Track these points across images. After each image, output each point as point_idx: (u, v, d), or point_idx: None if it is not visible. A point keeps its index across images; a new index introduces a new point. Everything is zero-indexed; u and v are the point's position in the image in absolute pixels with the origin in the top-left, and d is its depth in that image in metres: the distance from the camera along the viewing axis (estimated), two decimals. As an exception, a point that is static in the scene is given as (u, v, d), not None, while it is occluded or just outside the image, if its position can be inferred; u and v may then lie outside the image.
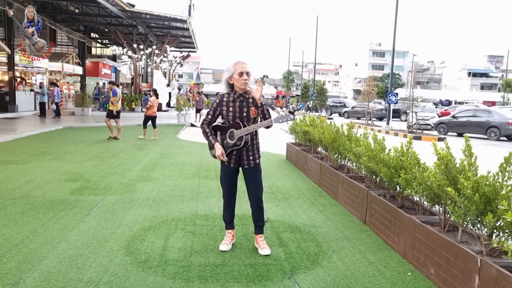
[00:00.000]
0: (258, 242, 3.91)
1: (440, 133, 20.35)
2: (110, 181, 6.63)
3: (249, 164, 3.83)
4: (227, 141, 3.77)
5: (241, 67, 3.69)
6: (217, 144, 3.76)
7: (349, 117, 32.85)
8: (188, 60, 59.99)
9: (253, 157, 3.84)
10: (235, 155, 3.82)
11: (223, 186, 3.94)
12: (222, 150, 3.74)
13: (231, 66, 3.73)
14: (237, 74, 3.68)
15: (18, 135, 12.25)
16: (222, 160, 3.76)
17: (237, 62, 3.73)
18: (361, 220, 4.90)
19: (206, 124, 3.84)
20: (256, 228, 3.95)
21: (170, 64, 41.85)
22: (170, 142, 12.31)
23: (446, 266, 3.17)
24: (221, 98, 3.82)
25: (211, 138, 3.79)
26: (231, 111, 3.76)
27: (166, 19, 23.57)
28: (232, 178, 3.89)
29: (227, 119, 3.78)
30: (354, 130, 6.29)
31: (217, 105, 3.81)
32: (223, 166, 3.89)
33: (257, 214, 3.89)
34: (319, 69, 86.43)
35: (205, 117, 3.85)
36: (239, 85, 3.70)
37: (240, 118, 3.74)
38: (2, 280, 3.10)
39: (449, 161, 3.38)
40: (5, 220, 4.50)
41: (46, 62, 24.49)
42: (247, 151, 3.81)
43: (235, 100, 3.76)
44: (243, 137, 3.70)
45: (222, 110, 3.80)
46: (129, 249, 3.81)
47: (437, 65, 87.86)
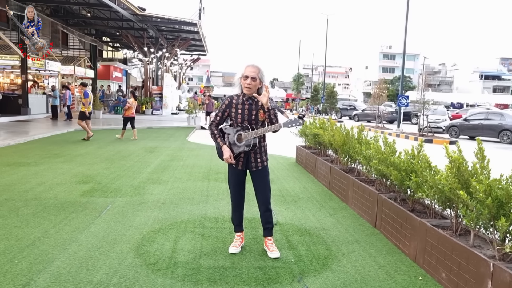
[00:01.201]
0: (267, 245, 3.90)
1: (452, 136, 20.15)
2: (120, 183, 6.68)
3: (257, 167, 3.82)
4: (235, 144, 3.76)
5: (248, 71, 3.66)
6: (225, 147, 3.75)
7: (359, 120, 32.71)
8: (198, 63, 60.26)
9: (261, 159, 3.83)
10: (243, 158, 3.81)
11: (231, 189, 3.93)
12: (230, 153, 3.73)
13: (242, 67, 3.71)
14: (243, 77, 3.67)
15: (31, 137, 12.39)
16: (230, 163, 3.76)
17: (248, 65, 3.70)
18: (371, 224, 4.87)
19: (215, 126, 3.82)
20: (265, 230, 3.93)
21: (180, 67, 42.08)
22: (180, 145, 12.36)
23: (458, 271, 3.13)
24: (230, 100, 3.79)
25: (219, 140, 3.78)
26: (240, 113, 3.73)
27: (176, 23, 23.70)
28: (240, 181, 3.88)
29: (235, 121, 3.76)
30: (364, 133, 6.25)
31: (226, 107, 3.79)
32: (230, 169, 3.88)
33: (266, 216, 3.87)
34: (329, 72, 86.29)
35: (213, 118, 3.83)
36: (243, 88, 3.69)
37: (249, 121, 3.72)
38: (14, 281, 3.13)
39: (461, 164, 3.34)
40: (17, 222, 4.55)
41: (58, 66, 24.76)
42: (255, 153, 3.80)
43: (244, 103, 3.74)
44: (251, 140, 3.68)
45: (230, 112, 3.77)
46: (139, 251, 3.83)
47: (448, 67, 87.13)
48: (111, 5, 18.96)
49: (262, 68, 3.71)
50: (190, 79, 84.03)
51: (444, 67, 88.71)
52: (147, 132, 16.27)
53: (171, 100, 27.90)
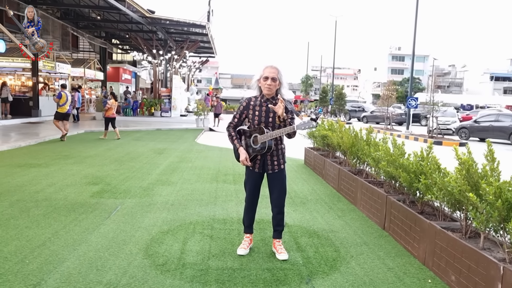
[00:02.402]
0: (276, 246, 3.90)
1: (462, 138, 19.98)
2: (129, 184, 6.72)
3: (273, 169, 3.80)
4: (252, 146, 3.76)
5: (268, 72, 3.64)
6: (241, 149, 3.76)
7: (368, 122, 32.54)
8: (207, 65, 60.38)
9: (278, 162, 3.80)
10: (259, 160, 3.80)
11: (246, 190, 3.93)
12: (246, 155, 3.73)
13: (261, 69, 3.70)
14: (263, 78, 3.66)
15: (41, 139, 12.52)
16: (246, 164, 3.77)
17: (267, 66, 3.68)
18: (380, 226, 4.85)
19: (232, 128, 3.84)
20: (274, 232, 3.93)
21: (189, 69, 42.21)
22: (189, 147, 12.41)
23: (467, 274, 3.11)
24: (248, 102, 3.79)
25: (236, 142, 3.79)
26: (257, 115, 3.73)
27: (185, 25, 23.82)
28: (256, 183, 3.86)
29: (252, 123, 3.77)
30: (373, 134, 6.23)
31: (244, 109, 3.79)
32: (248, 171, 3.88)
33: (278, 219, 3.87)
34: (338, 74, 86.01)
35: (231, 120, 3.85)
36: (263, 89, 3.68)
37: (265, 123, 3.71)
38: (25, 281, 3.17)
39: (470, 166, 3.32)
40: (28, 222, 4.60)
41: (68, 68, 25.00)
42: (271, 156, 3.78)
43: (262, 105, 3.73)
44: (266, 142, 3.67)
45: (248, 114, 3.78)
46: (148, 252, 3.85)
47: (458, 69, 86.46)
48: (120, 8, 19.12)
49: (281, 69, 3.70)
50: (199, 81, 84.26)
51: (454, 69, 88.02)
52: (156, 134, 16.35)
53: (180, 102, 27.99)
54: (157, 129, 18.39)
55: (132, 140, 13.58)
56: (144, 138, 14.39)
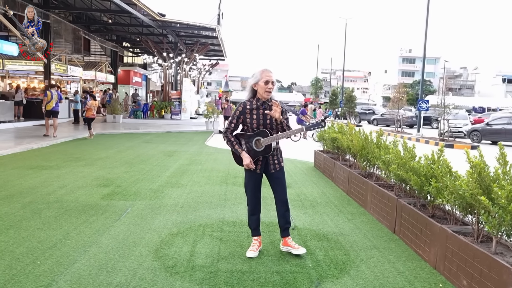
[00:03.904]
0: (289, 244, 3.94)
1: (474, 141, 19.77)
2: (139, 186, 6.76)
3: (275, 169, 3.93)
4: (254, 149, 3.82)
5: (267, 76, 3.74)
6: (244, 153, 3.83)
7: (378, 125, 32.36)
8: (216, 68, 60.57)
9: (278, 161, 3.95)
10: (261, 161, 3.89)
11: (248, 193, 3.98)
12: (249, 159, 3.80)
13: (257, 73, 3.78)
14: (263, 82, 3.73)
15: (53, 141, 12.65)
16: (251, 168, 3.81)
17: (264, 69, 3.78)
18: (390, 229, 4.81)
19: (230, 132, 3.90)
20: (284, 231, 3.98)
21: (199, 72, 42.42)
22: (199, 149, 12.45)
23: (479, 278, 3.07)
24: (244, 106, 3.84)
25: (237, 147, 3.87)
26: (255, 118, 3.80)
27: (195, 28, 23.96)
28: (258, 184, 3.96)
29: (250, 126, 3.82)
30: (383, 137, 6.19)
31: (240, 113, 3.84)
32: (248, 173, 3.93)
33: (286, 216, 3.94)
34: (348, 76, 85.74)
35: (228, 125, 3.89)
36: (262, 93, 3.76)
37: (264, 125, 3.80)
38: (36, 282, 3.20)
39: (482, 169, 3.29)
40: (39, 224, 4.65)
41: (80, 71, 25.27)
42: (272, 156, 3.91)
43: (259, 108, 3.81)
44: (271, 145, 3.76)
45: (245, 118, 3.83)
46: (158, 254, 3.87)
47: (470, 71, 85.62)
48: (131, 11, 19.30)
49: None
50: (209, 83, 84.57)
51: (466, 71, 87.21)
52: (166, 136, 16.43)
53: (190, 104, 28.12)
54: (167, 132, 18.48)
55: (143, 142, 13.67)
56: (154, 140, 14.47)
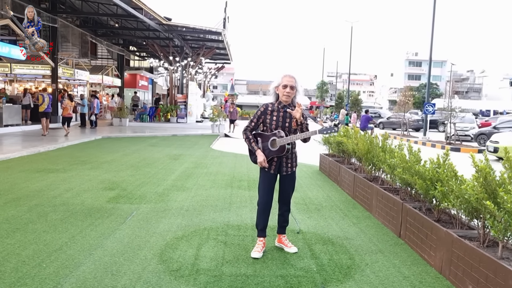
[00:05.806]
0: (283, 241, 4.14)
1: (481, 144, 19.62)
2: (145, 190, 6.78)
3: (287, 171, 4.04)
4: (269, 149, 3.94)
5: (287, 80, 3.90)
6: (259, 151, 3.95)
7: (384, 128, 32.26)
8: (222, 72, 60.65)
9: (291, 164, 4.05)
10: (275, 162, 3.99)
11: (260, 192, 4.05)
12: (264, 157, 3.93)
13: (279, 77, 3.96)
14: (282, 86, 3.90)
15: (60, 144, 12.74)
16: (264, 166, 3.93)
17: (285, 74, 3.95)
18: (396, 233, 4.79)
19: (249, 131, 4.05)
20: (281, 228, 4.18)
21: (205, 75, 42.49)
22: (204, 152, 12.47)
23: (485, 283, 3.05)
24: (265, 107, 4.01)
25: (254, 144, 3.99)
26: (275, 120, 3.96)
27: (201, 32, 24.01)
28: (271, 184, 4.04)
29: (269, 127, 3.97)
30: (389, 141, 6.17)
31: (261, 114, 4.01)
32: (263, 173, 4.03)
33: (285, 215, 4.15)
34: (354, 80, 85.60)
35: (248, 124, 4.06)
36: (281, 96, 3.93)
37: (282, 127, 3.94)
38: (42, 285, 3.22)
39: (488, 174, 3.27)
40: (45, 227, 4.68)
41: (87, 75, 25.43)
42: (286, 158, 4.02)
43: (279, 110, 3.96)
44: (285, 146, 3.86)
45: (265, 119, 3.99)
46: (162, 257, 3.88)
47: (477, 74, 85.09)
48: (138, 15, 19.41)
49: (298, 78, 3.96)
50: (215, 87, 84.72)
51: (473, 74, 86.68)
52: (171, 139, 16.48)
53: (195, 108, 28.16)
54: (173, 135, 18.54)
55: (148, 146, 13.72)
56: (160, 144, 14.52)
